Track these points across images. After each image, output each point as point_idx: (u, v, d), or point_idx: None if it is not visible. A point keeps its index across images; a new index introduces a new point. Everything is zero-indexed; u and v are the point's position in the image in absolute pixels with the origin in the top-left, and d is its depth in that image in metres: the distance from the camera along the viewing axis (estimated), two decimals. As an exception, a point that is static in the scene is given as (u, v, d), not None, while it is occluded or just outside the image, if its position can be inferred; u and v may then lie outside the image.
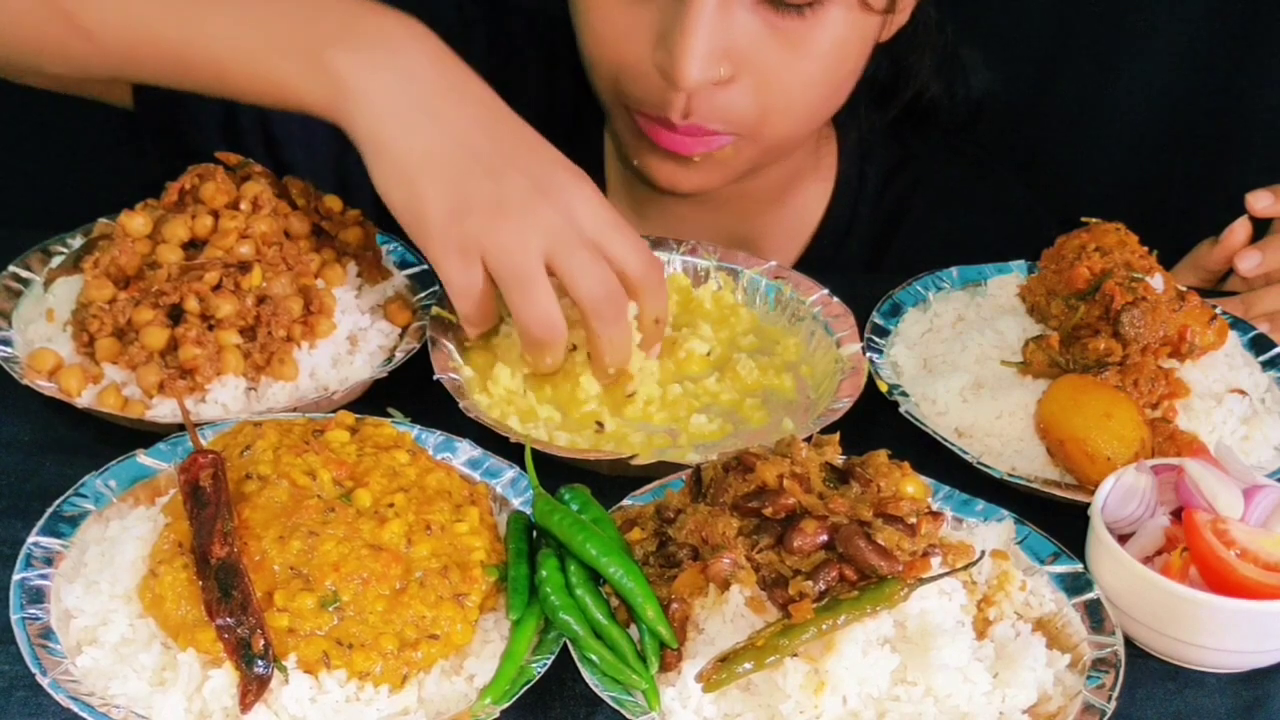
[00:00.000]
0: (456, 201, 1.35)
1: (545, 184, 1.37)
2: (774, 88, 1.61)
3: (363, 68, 1.37)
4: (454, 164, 1.36)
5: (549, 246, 1.35)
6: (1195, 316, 1.50)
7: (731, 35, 1.55)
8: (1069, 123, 2.32)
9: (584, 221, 1.38)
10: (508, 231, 1.34)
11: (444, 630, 1.17)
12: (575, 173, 1.40)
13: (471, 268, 1.36)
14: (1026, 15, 2.25)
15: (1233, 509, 1.26)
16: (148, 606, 1.16)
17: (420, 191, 1.36)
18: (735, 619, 1.16)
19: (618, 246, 1.40)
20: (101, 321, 1.43)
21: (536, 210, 1.35)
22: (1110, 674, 1.19)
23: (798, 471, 1.21)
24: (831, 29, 1.59)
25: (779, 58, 1.58)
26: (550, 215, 1.36)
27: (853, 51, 1.65)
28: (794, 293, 1.63)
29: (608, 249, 1.39)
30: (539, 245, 1.35)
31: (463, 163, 1.36)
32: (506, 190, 1.35)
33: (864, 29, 1.64)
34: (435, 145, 1.36)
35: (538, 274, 1.36)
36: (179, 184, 1.52)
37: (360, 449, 1.26)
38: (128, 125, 1.78)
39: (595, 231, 1.38)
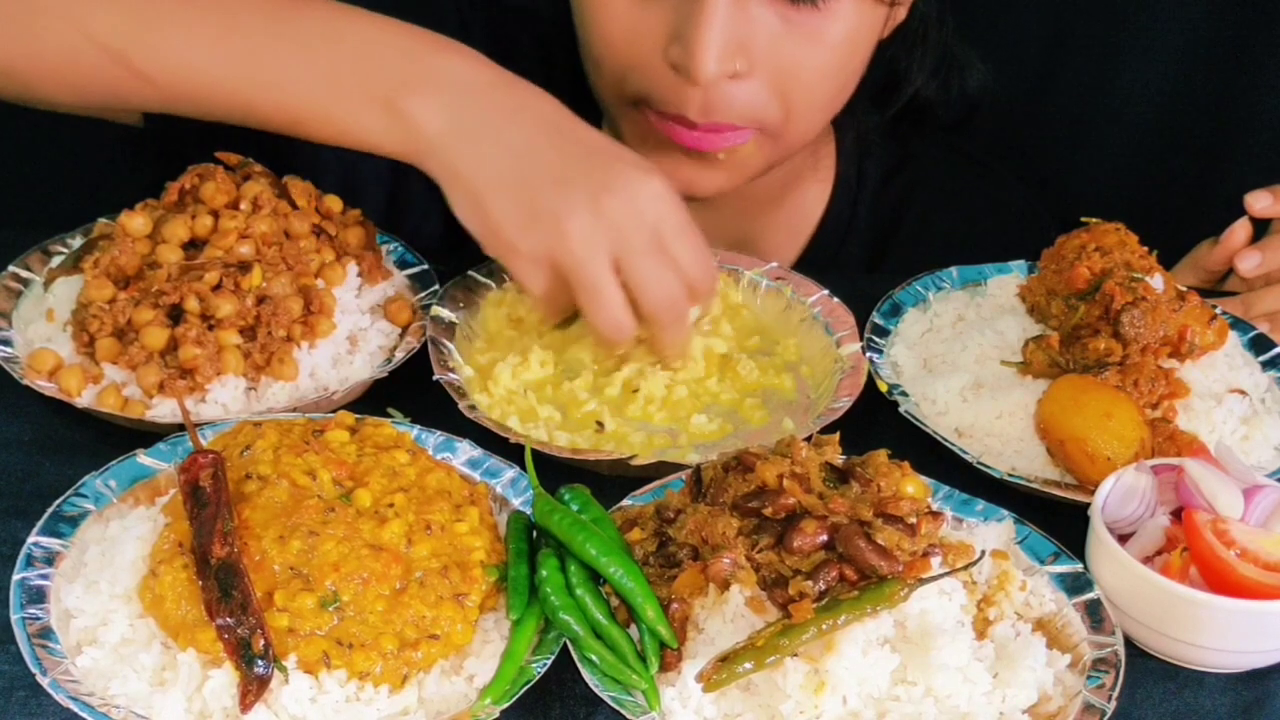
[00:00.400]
0: (525, 214, 1.38)
1: (610, 185, 1.38)
2: (791, 81, 1.61)
3: (432, 108, 1.39)
4: (520, 179, 1.38)
5: (615, 250, 1.37)
6: (1195, 316, 1.50)
7: (747, 28, 1.55)
8: (1069, 123, 2.32)
9: (649, 220, 1.39)
10: (574, 236, 1.36)
11: (444, 630, 1.17)
12: (641, 168, 1.41)
13: (541, 273, 1.39)
14: (1026, 15, 2.25)
15: (1233, 509, 1.26)
16: (148, 606, 1.16)
17: (490, 211, 1.39)
18: (735, 619, 1.16)
19: (681, 249, 1.41)
20: (101, 321, 1.43)
21: (602, 214, 1.37)
22: (1110, 674, 1.19)
23: (798, 471, 1.21)
24: (844, 20, 1.60)
25: (794, 50, 1.58)
26: (616, 214, 1.37)
27: (862, 43, 1.66)
28: (794, 293, 1.63)
29: (672, 249, 1.40)
30: (605, 249, 1.37)
31: (528, 176, 1.38)
32: (572, 196, 1.37)
33: (873, 20, 1.65)
34: (501, 165, 1.39)
35: (605, 279, 1.38)
36: (179, 184, 1.52)
37: (360, 449, 1.26)
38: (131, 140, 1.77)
39: (661, 230, 1.40)
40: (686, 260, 1.41)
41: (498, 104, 1.41)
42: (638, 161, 1.42)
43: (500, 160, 1.39)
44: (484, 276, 1.61)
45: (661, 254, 1.40)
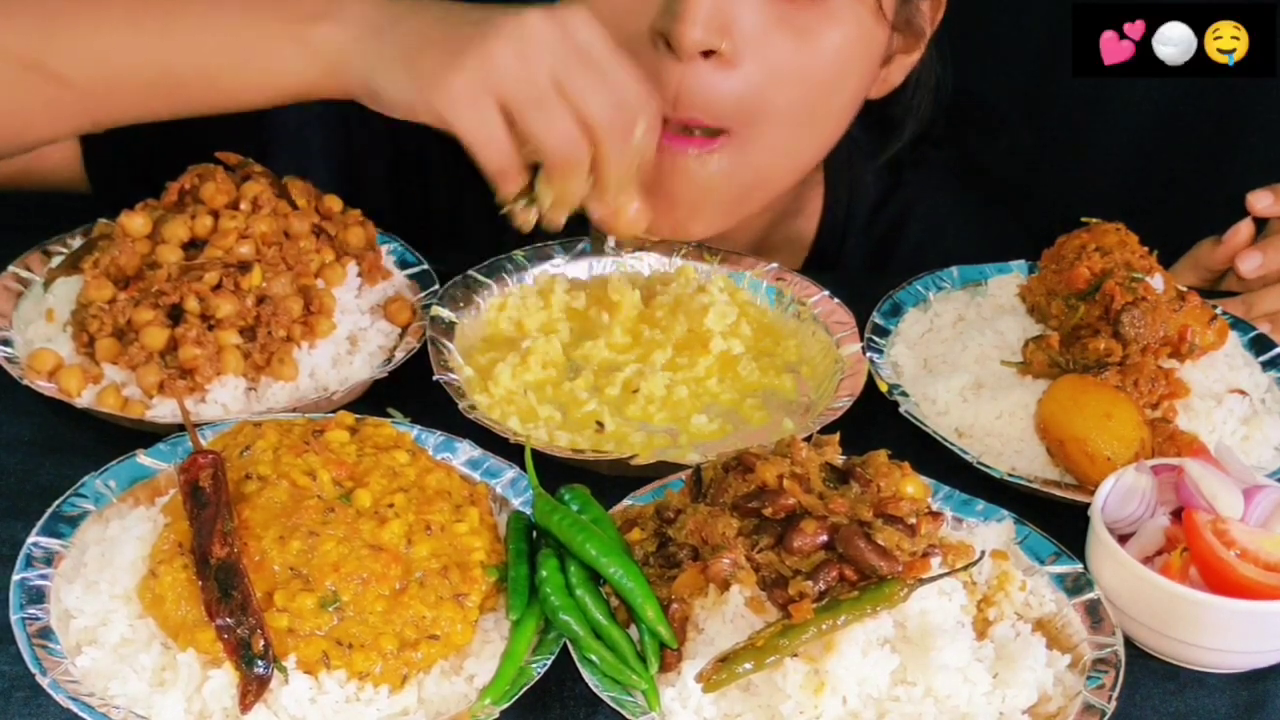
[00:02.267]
0: (449, 54, 1.34)
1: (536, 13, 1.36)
2: (773, 78, 1.56)
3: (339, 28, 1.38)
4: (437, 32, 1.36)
5: (553, 68, 1.34)
6: (1195, 316, 1.50)
7: (736, 8, 1.52)
8: (1069, 122, 2.32)
9: (579, 37, 1.36)
10: (505, 56, 1.33)
11: (444, 630, 1.17)
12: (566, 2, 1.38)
13: (484, 110, 1.35)
14: (1027, 15, 2.24)
15: (1233, 509, 1.26)
16: (148, 606, 1.16)
17: (416, 71, 1.36)
18: (735, 619, 1.16)
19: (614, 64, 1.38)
20: (101, 321, 1.43)
21: (531, 29, 1.34)
22: (1110, 674, 1.19)
23: (798, 471, 1.21)
24: (840, 27, 1.57)
25: (783, 45, 1.55)
26: (546, 31, 1.35)
27: (854, 64, 1.62)
28: (794, 294, 1.63)
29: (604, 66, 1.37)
30: (543, 66, 1.34)
31: (445, 27, 1.36)
32: (495, 22, 1.35)
33: (869, 40, 1.61)
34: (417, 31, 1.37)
35: (548, 92, 1.34)
36: (179, 184, 1.52)
37: (360, 449, 1.26)
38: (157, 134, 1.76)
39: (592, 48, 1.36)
40: (619, 78, 1.38)
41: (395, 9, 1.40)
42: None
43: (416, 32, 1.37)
44: (484, 276, 1.61)
45: (597, 70, 1.36)
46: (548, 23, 1.35)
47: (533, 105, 1.34)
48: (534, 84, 1.34)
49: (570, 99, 1.34)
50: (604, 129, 1.36)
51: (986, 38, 1.94)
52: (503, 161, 1.37)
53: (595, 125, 1.36)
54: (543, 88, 1.34)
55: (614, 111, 1.37)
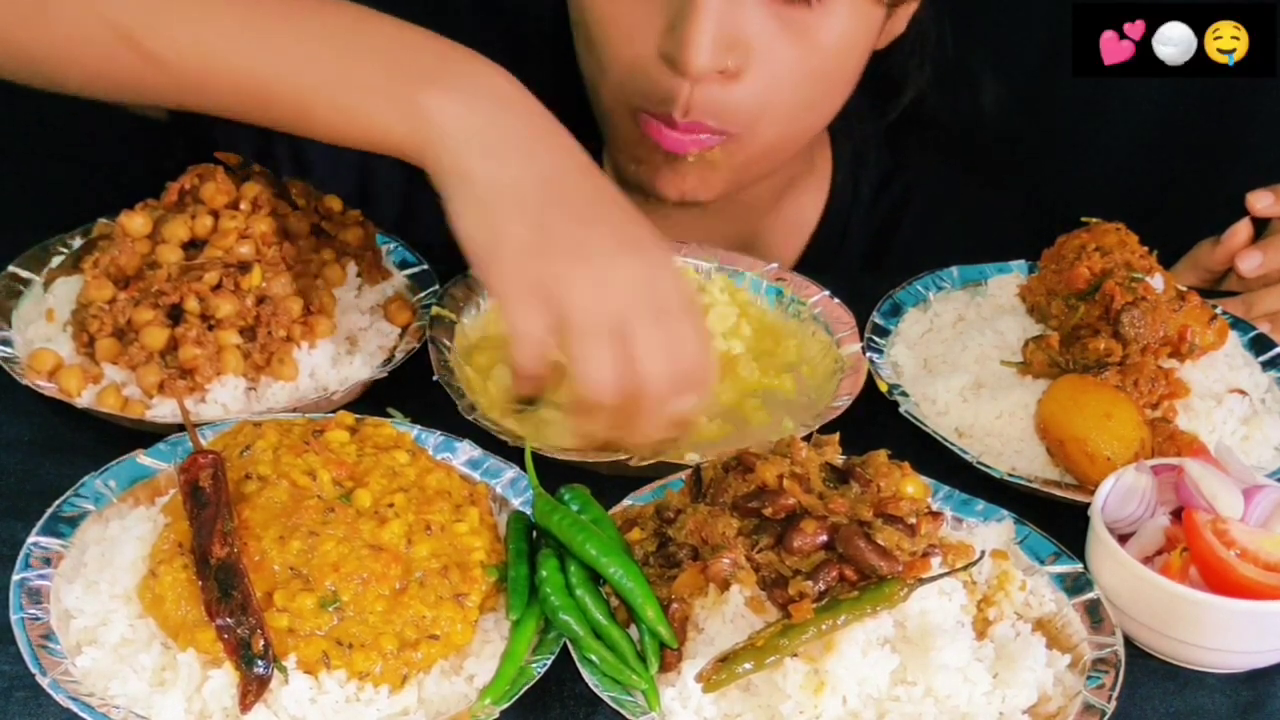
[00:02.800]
0: (537, 238, 1.26)
1: (632, 242, 1.29)
2: (776, 83, 1.59)
3: (454, 107, 1.30)
4: (540, 200, 1.28)
5: (624, 311, 1.26)
6: (1195, 316, 1.50)
7: (740, 23, 1.53)
8: (1069, 122, 2.32)
9: (662, 290, 1.29)
10: (587, 280, 1.25)
11: (444, 630, 1.17)
12: (659, 241, 1.33)
13: (538, 314, 1.26)
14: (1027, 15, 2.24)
15: (1233, 509, 1.26)
16: (148, 607, 1.16)
17: (499, 222, 1.27)
18: (735, 619, 1.16)
19: (685, 329, 1.30)
20: (101, 321, 1.43)
21: (620, 265, 1.27)
22: (1110, 674, 1.19)
23: (798, 471, 1.21)
24: (839, 22, 1.58)
25: (787, 49, 1.57)
26: (634, 273, 1.27)
27: (857, 48, 1.65)
28: (794, 294, 1.63)
29: (675, 328, 1.29)
30: (615, 305, 1.26)
31: (550, 201, 1.28)
32: (592, 238, 1.27)
33: (869, 23, 1.63)
34: (523, 179, 1.28)
35: (605, 331, 1.25)
36: (179, 184, 1.52)
37: (360, 449, 1.26)
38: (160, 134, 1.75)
39: (670, 305, 1.29)
40: (688, 343, 1.30)
41: (527, 123, 1.32)
42: (655, 231, 1.33)
43: (523, 174, 1.29)
44: None
45: (666, 328, 1.28)
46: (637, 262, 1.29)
47: (587, 334, 1.26)
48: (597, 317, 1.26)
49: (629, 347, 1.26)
50: (650, 385, 1.28)
51: (986, 38, 1.94)
52: (532, 366, 1.30)
53: (644, 379, 1.27)
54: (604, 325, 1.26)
55: (669, 374, 1.28)
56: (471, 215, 1.29)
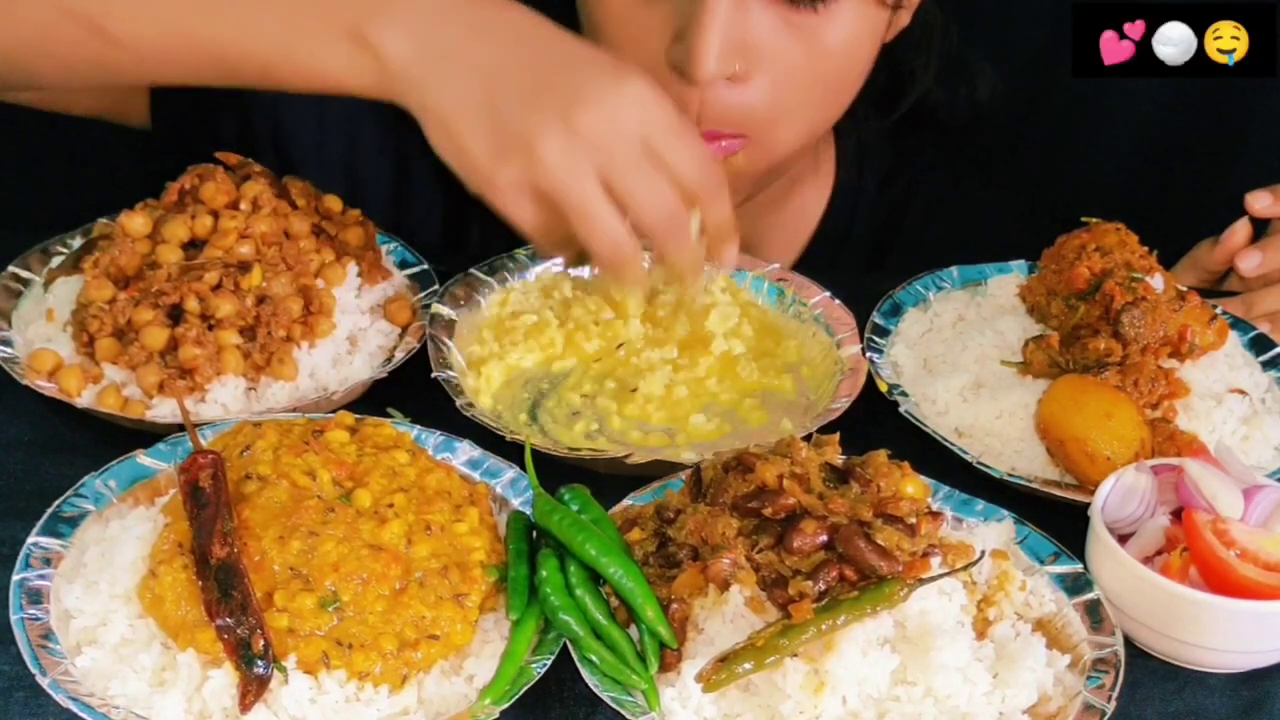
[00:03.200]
0: (497, 141, 1.30)
1: (584, 96, 1.29)
2: (786, 86, 1.60)
3: (398, 36, 1.32)
4: (488, 102, 1.30)
5: (599, 164, 1.29)
6: (1195, 316, 1.50)
7: (747, 30, 1.54)
8: (1070, 123, 2.32)
9: (630, 127, 1.30)
10: (551, 157, 1.28)
11: (444, 630, 1.17)
12: (617, 73, 1.32)
13: (526, 202, 1.31)
14: (1027, 15, 2.24)
15: (1233, 509, 1.26)
16: (148, 607, 1.16)
17: (463, 143, 1.31)
18: (735, 619, 1.16)
19: (671, 153, 1.32)
20: (101, 321, 1.43)
21: (577, 126, 1.28)
22: (1110, 674, 1.19)
23: (798, 471, 1.21)
24: (845, 24, 1.59)
25: (794, 53, 1.58)
26: (593, 128, 1.28)
27: (864, 49, 1.65)
28: (795, 295, 1.63)
29: (661, 155, 1.32)
30: (588, 164, 1.28)
31: (497, 98, 1.30)
32: (544, 112, 1.29)
33: (874, 24, 1.64)
34: (469, 89, 1.31)
35: (593, 197, 1.29)
36: (179, 184, 1.52)
37: (360, 449, 1.26)
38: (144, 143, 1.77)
39: (647, 136, 1.31)
40: (680, 163, 1.32)
41: (466, 22, 1.34)
42: (614, 66, 1.33)
43: (468, 83, 1.31)
44: (485, 274, 1.61)
45: (649, 162, 1.30)
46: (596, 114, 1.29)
47: (632, 170, 1.29)
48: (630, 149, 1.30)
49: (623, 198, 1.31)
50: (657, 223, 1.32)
51: (986, 38, 1.94)
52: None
53: (649, 220, 1.32)
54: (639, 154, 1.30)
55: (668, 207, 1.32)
56: (440, 142, 1.33)
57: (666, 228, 1.33)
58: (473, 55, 1.32)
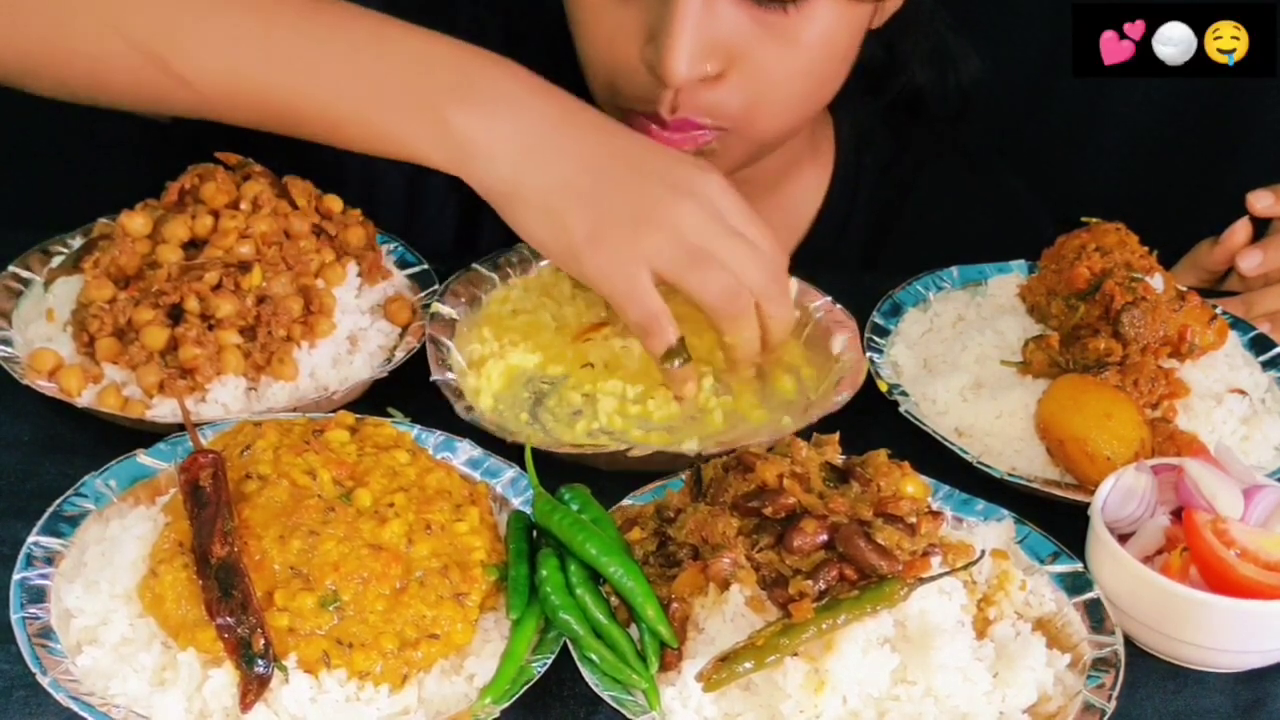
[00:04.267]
0: (598, 220, 1.37)
1: (680, 183, 1.39)
2: (761, 82, 1.59)
3: (483, 122, 1.37)
4: (589, 187, 1.38)
5: (702, 241, 1.37)
6: (1195, 316, 1.50)
7: (718, 31, 1.54)
8: (1069, 122, 2.32)
9: (723, 210, 1.40)
10: (661, 237, 1.37)
11: (444, 630, 1.17)
12: (702, 166, 1.43)
13: (636, 277, 1.37)
14: (1026, 15, 2.24)
15: (1233, 509, 1.26)
16: (148, 606, 1.16)
17: (564, 222, 1.37)
18: (735, 619, 1.16)
19: (754, 231, 1.42)
20: (101, 321, 1.43)
21: (680, 209, 1.37)
22: (1110, 674, 1.19)
23: (798, 471, 1.21)
24: (819, 22, 1.58)
25: (767, 52, 1.57)
26: (694, 211, 1.38)
27: (842, 43, 1.65)
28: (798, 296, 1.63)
29: (747, 233, 1.41)
30: (693, 241, 1.37)
31: (597, 184, 1.38)
32: (646, 199, 1.38)
33: (853, 20, 1.63)
34: (567, 175, 1.38)
35: (703, 256, 1.37)
36: (179, 184, 1.52)
37: (360, 449, 1.26)
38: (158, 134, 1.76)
39: (733, 218, 1.40)
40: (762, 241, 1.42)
41: (553, 119, 1.40)
42: (695, 160, 1.43)
43: (565, 171, 1.38)
44: (488, 270, 1.61)
45: (741, 238, 1.40)
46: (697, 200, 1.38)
47: (689, 268, 1.37)
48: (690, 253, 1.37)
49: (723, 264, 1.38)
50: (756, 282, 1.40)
51: (986, 38, 1.94)
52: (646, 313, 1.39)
53: (748, 279, 1.40)
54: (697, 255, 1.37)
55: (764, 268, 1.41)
56: (536, 225, 1.39)
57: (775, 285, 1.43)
58: (564, 146, 1.39)
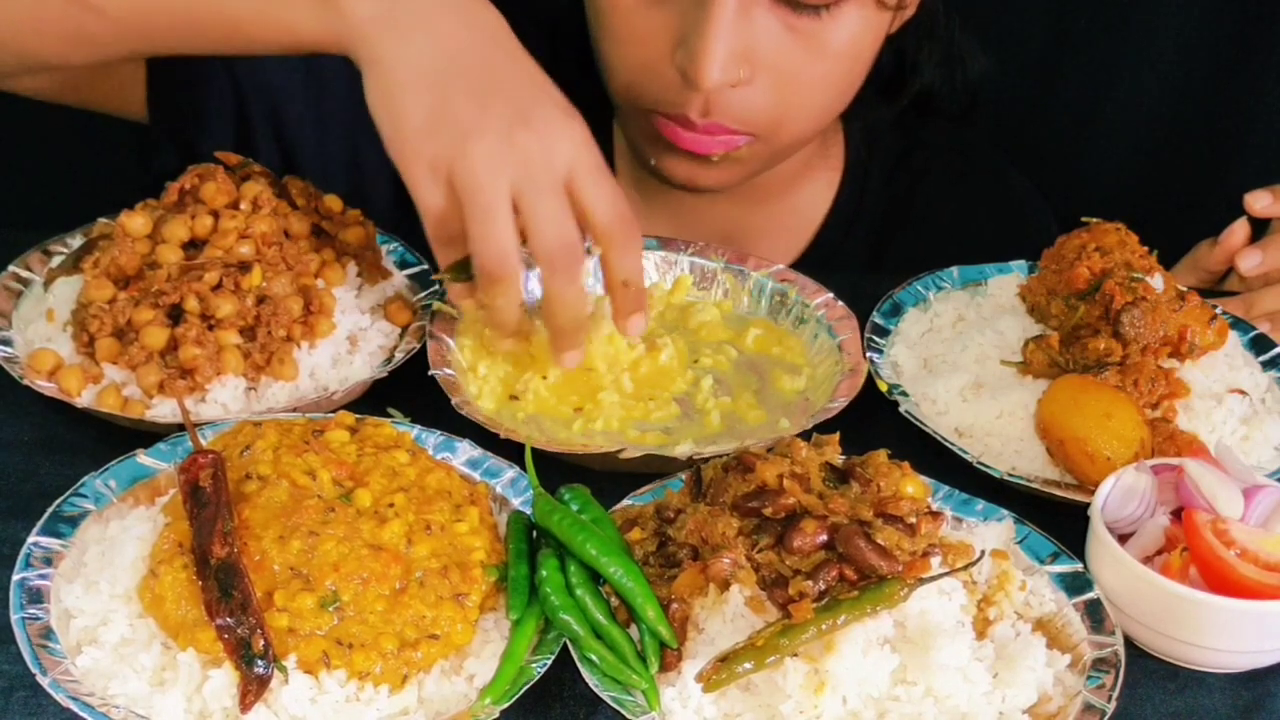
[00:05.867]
0: (434, 116, 1.32)
1: (530, 115, 1.33)
2: (791, 87, 1.62)
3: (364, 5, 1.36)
4: (439, 80, 1.33)
5: (518, 180, 1.31)
6: (1195, 316, 1.50)
7: (751, 36, 1.55)
8: (1069, 123, 2.32)
9: (560, 159, 1.33)
10: (478, 155, 1.30)
11: (444, 630, 1.17)
12: (566, 110, 1.36)
13: (437, 186, 1.33)
14: (1026, 17, 2.25)
15: (1233, 509, 1.26)
16: (148, 606, 1.16)
17: (400, 103, 1.34)
18: (735, 619, 1.16)
19: (590, 192, 1.35)
20: (101, 321, 1.43)
21: (513, 139, 1.31)
22: (1110, 674, 1.19)
23: (798, 471, 1.21)
24: (848, 27, 1.60)
25: (797, 58, 1.59)
26: (526, 147, 1.31)
27: (866, 48, 1.67)
28: (799, 295, 1.63)
29: (579, 193, 1.34)
30: (507, 176, 1.31)
31: (448, 79, 1.33)
32: (488, 114, 1.32)
33: (877, 25, 1.65)
34: (424, 59, 1.34)
35: (500, 205, 1.31)
36: (179, 184, 1.52)
37: (360, 449, 1.26)
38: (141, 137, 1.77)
39: (570, 172, 1.34)
40: (593, 199, 1.35)
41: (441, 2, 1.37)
42: (563, 102, 1.37)
43: (424, 54, 1.34)
44: None
45: (564, 195, 1.33)
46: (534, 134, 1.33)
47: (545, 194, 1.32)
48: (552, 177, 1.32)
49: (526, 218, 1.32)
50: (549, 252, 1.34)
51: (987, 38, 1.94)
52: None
53: (542, 246, 1.33)
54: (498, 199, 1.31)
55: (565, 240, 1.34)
56: (377, 98, 1.36)
57: (560, 258, 1.34)
58: (437, 30, 1.35)
